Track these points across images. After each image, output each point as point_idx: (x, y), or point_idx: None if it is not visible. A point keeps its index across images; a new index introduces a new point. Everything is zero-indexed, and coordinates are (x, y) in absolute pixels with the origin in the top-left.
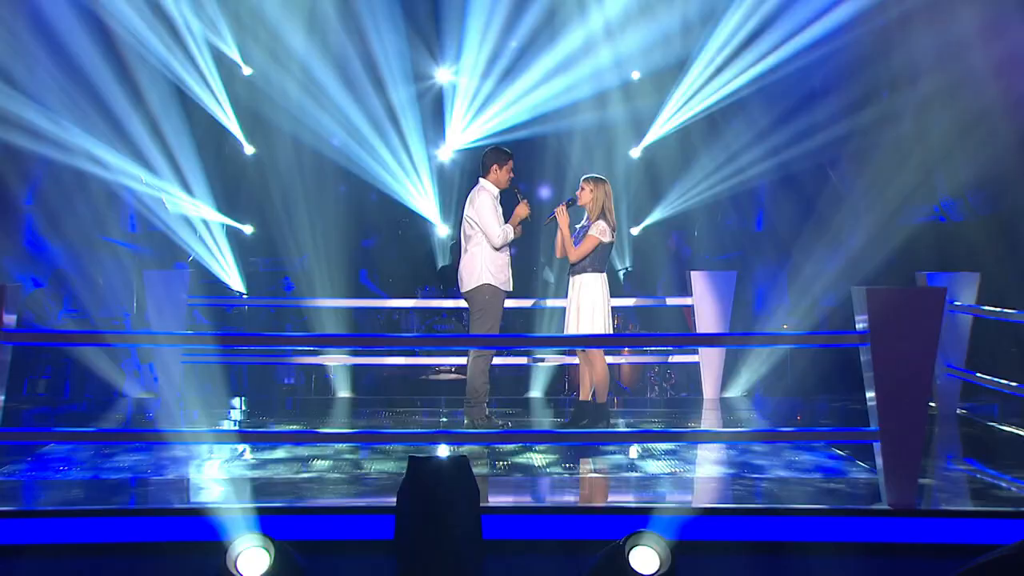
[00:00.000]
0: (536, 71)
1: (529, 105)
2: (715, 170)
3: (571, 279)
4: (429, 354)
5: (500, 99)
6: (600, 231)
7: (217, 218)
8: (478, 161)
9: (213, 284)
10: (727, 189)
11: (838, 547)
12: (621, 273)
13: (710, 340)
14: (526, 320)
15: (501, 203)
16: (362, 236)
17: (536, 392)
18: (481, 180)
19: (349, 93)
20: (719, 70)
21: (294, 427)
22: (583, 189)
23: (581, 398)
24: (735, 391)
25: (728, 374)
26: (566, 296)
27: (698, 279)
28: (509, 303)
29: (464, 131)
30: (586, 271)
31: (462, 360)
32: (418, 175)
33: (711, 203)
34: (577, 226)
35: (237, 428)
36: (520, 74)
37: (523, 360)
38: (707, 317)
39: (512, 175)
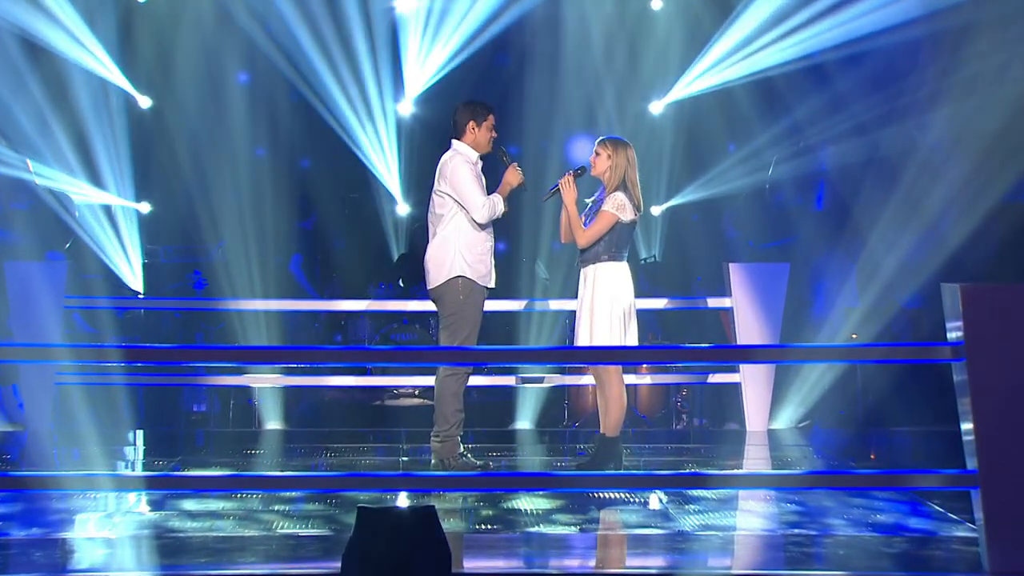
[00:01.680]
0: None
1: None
2: (770, 137)
3: (582, 271)
4: (385, 372)
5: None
6: (617, 206)
7: (102, 197)
8: (449, 116)
9: (99, 280)
10: (786, 166)
11: None
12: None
13: (754, 355)
14: (512, 327)
15: (484, 173)
16: (298, 215)
17: (525, 422)
18: (454, 143)
19: (278, 19)
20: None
21: (206, 470)
22: (598, 154)
23: (602, 431)
24: (787, 421)
25: (778, 398)
26: (576, 296)
27: (739, 274)
28: (490, 304)
29: (424, 62)
30: (601, 259)
31: (428, 380)
32: (375, 132)
33: (758, 175)
34: (588, 200)
35: (130, 471)
36: None
37: (509, 380)
38: (751, 324)
39: (495, 134)
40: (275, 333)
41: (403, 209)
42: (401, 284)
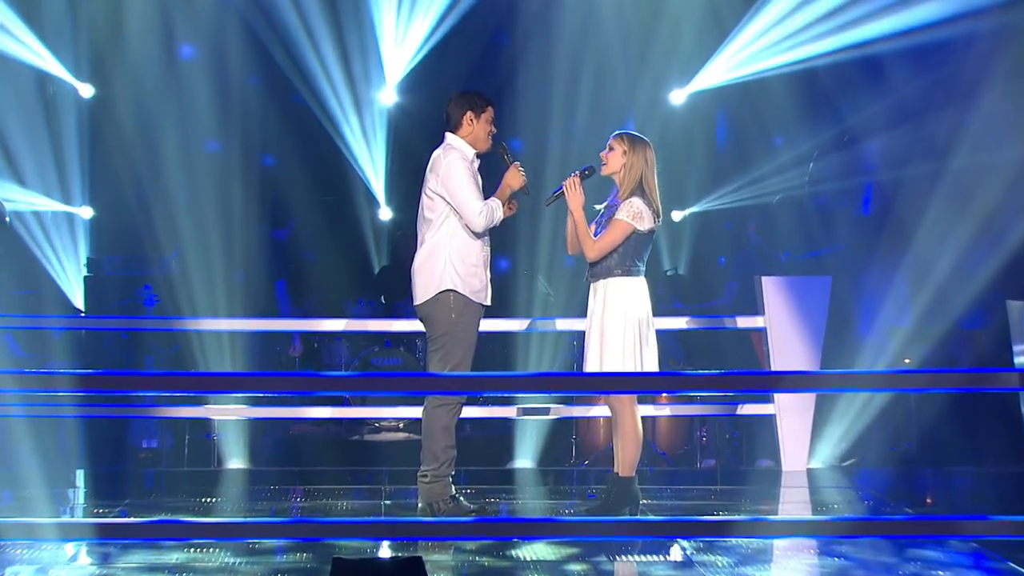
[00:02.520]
0: None
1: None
2: (810, 132)
3: (592, 286)
4: (364, 402)
5: None
6: (634, 214)
7: (37, 201)
8: (439, 105)
9: (34, 296)
10: (829, 163)
11: None
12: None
13: (791, 382)
14: (511, 350)
15: (481, 173)
16: (266, 221)
17: (526, 460)
18: (448, 136)
19: None
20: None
21: (157, 516)
22: (612, 150)
23: (616, 470)
24: (829, 458)
25: (819, 433)
26: (584, 315)
27: (773, 289)
28: (486, 324)
29: (404, 40)
30: (613, 273)
31: (415, 412)
32: (357, 123)
33: (796, 176)
34: (597, 206)
35: (69, 517)
36: None
37: (508, 412)
38: (787, 346)
39: (494, 129)
40: (239, 357)
41: (386, 214)
42: (383, 300)
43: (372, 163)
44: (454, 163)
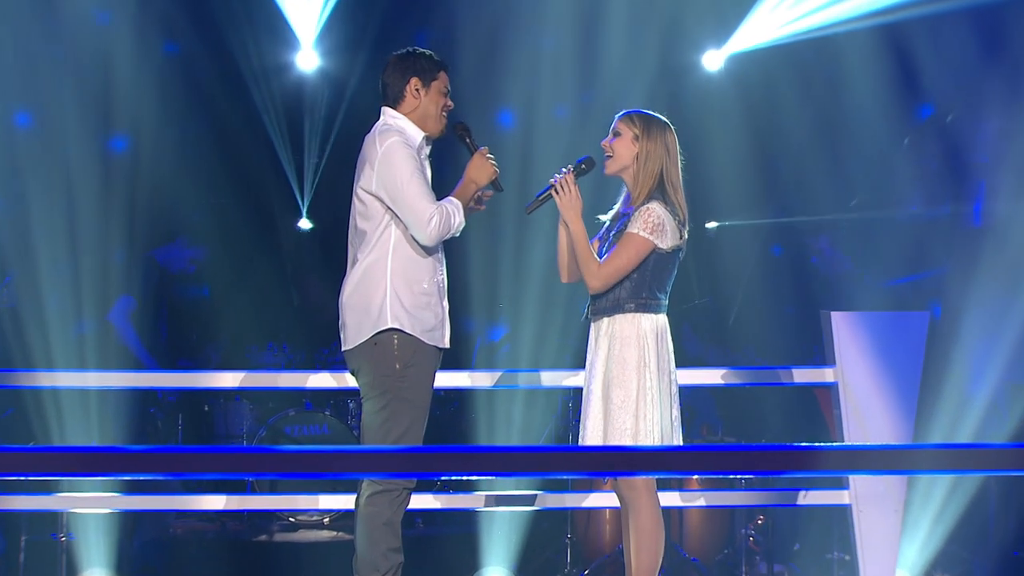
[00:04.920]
0: None
1: None
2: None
3: (593, 325)
4: (273, 489)
5: None
6: (652, 225)
7: None
8: (375, 75)
9: None
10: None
11: None
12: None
13: (872, 460)
14: (478, 414)
15: (433, 160)
16: (145, 237)
17: (499, 569)
18: (386, 114)
19: None
20: None
21: None
22: (618, 136)
23: None
24: (925, 565)
25: (911, 529)
26: (583, 365)
27: (848, 329)
28: (443, 378)
29: None
30: (624, 307)
31: (346, 501)
32: (260, 93)
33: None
34: (602, 217)
35: None
36: None
37: (475, 502)
38: (867, 409)
39: (450, 103)
40: (105, 425)
41: (308, 224)
42: (299, 344)
43: (289, 153)
44: (394, 151)
